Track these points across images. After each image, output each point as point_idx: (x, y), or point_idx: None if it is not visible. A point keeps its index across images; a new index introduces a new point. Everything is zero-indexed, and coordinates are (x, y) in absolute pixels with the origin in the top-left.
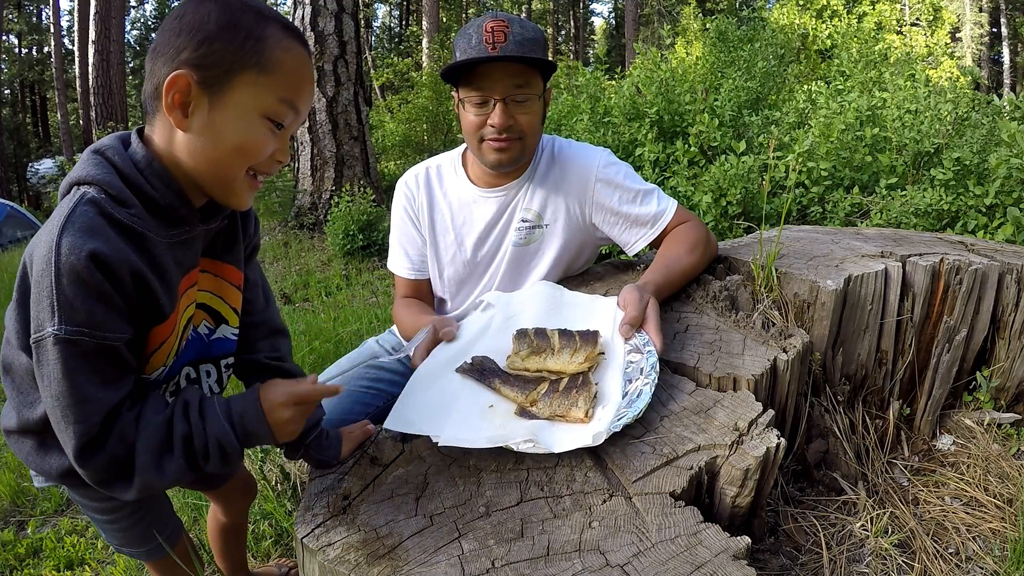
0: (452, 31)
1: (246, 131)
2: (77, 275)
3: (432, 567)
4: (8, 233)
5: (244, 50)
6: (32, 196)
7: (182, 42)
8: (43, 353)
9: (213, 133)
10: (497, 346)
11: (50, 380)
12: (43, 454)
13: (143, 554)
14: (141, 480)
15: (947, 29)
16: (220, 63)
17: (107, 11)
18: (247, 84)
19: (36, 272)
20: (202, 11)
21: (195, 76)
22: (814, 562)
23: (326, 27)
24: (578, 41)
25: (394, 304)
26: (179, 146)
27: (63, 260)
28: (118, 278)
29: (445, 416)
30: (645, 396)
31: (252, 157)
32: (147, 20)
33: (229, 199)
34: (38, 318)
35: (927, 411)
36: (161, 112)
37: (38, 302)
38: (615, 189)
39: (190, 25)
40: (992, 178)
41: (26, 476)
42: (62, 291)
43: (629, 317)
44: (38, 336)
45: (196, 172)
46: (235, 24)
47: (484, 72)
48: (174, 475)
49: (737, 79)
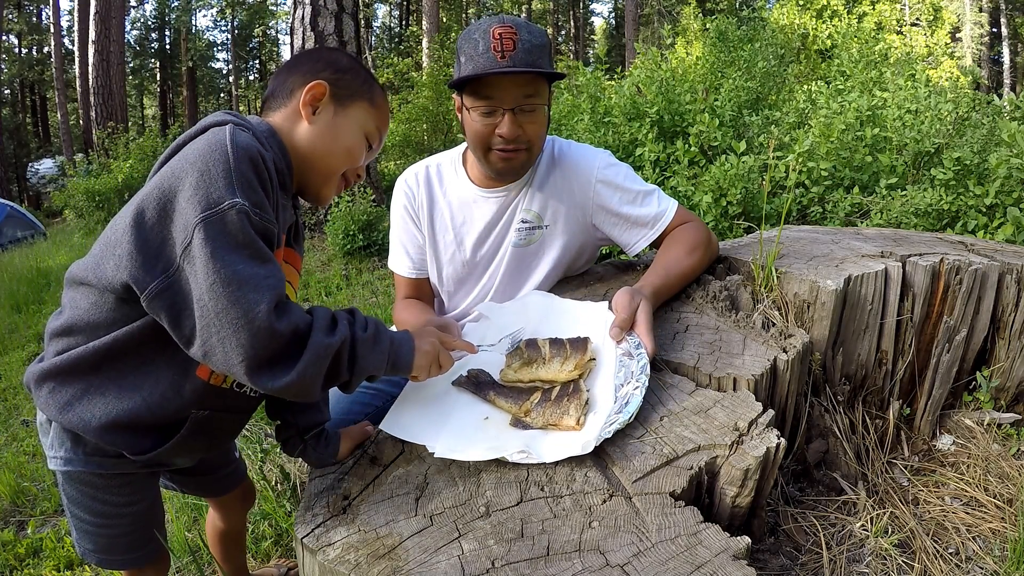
0: (452, 31)
1: (354, 138)
2: (252, 161)
3: (432, 567)
4: (8, 233)
5: (364, 88)
6: (32, 196)
7: (320, 67)
8: (223, 225)
9: (332, 131)
10: (491, 359)
11: (236, 248)
12: (85, 402)
13: (119, 563)
14: (308, 357)
15: (947, 29)
16: (348, 88)
17: (107, 11)
18: (362, 108)
19: (198, 167)
20: (337, 54)
21: (330, 88)
22: (814, 562)
23: (326, 27)
24: (578, 41)
25: (395, 305)
26: (300, 134)
27: (241, 146)
28: (272, 181)
29: (441, 427)
30: (635, 402)
31: (353, 160)
32: (147, 20)
33: (321, 188)
34: (209, 197)
35: (927, 411)
36: (289, 107)
37: (208, 185)
38: (615, 190)
39: (329, 59)
40: (992, 178)
41: (26, 476)
42: (241, 171)
43: (619, 320)
44: (215, 211)
45: (308, 157)
46: (358, 70)
47: (493, 82)
48: (333, 350)
49: (737, 79)
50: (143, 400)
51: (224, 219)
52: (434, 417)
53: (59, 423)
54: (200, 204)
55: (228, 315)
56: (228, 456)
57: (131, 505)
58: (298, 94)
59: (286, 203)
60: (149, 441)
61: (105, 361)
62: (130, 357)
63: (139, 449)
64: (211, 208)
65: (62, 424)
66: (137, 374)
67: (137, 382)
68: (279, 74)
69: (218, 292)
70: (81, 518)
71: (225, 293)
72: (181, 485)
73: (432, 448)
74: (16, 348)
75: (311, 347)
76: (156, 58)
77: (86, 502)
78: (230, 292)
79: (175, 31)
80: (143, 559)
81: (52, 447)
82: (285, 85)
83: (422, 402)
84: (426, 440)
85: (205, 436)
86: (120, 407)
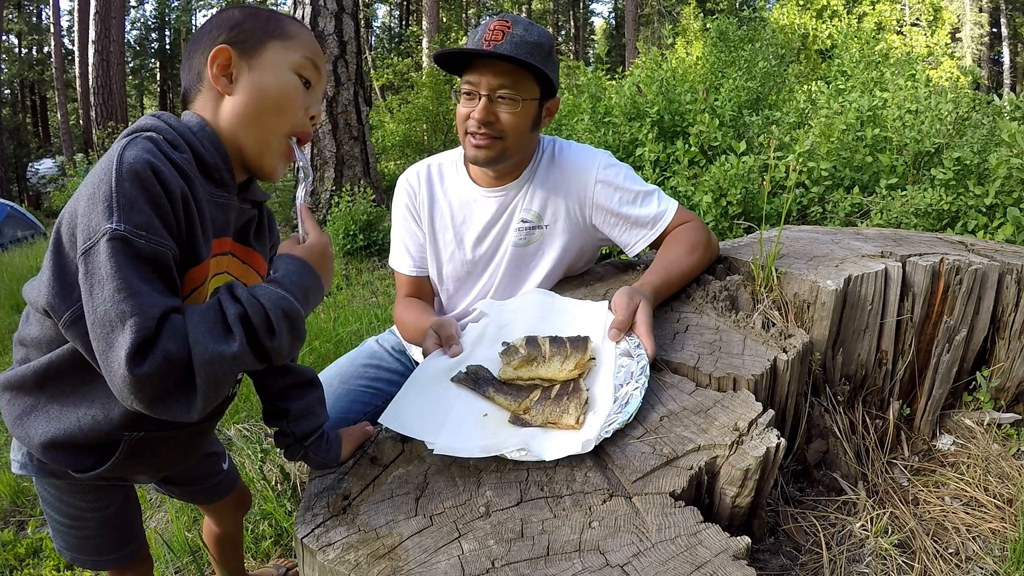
0: (452, 31)
1: (282, 82)
2: (138, 178)
3: (432, 567)
4: (8, 233)
5: (268, 26)
6: (32, 196)
7: (216, 34)
8: (95, 257)
9: (256, 89)
10: (491, 355)
11: (102, 283)
12: (31, 418)
13: (92, 563)
14: (204, 375)
15: (947, 29)
16: (251, 36)
17: (107, 11)
18: (276, 47)
19: (88, 190)
20: (226, 13)
21: (233, 48)
22: (814, 562)
23: (326, 27)
24: (578, 41)
25: (396, 304)
26: (225, 112)
27: (125, 166)
28: (171, 193)
29: (440, 424)
30: (634, 402)
31: (290, 114)
32: (147, 20)
33: (263, 161)
34: (89, 227)
35: (927, 411)
36: (205, 89)
37: (91, 211)
38: (615, 190)
39: (219, 22)
40: (992, 178)
41: (27, 476)
42: (123, 191)
43: (617, 321)
44: (90, 242)
45: (240, 135)
46: (255, 14)
47: (477, 66)
48: (236, 360)
49: (737, 79)
50: (77, 421)
51: (97, 250)
52: (433, 412)
53: (12, 433)
54: (83, 234)
55: (105, 359)
56: (213, 468)
57: (96, 510)
58: (206, 73)
59: (227, 200)
60: (90, 460)
61: (47, 380)
62: (67, 377)
63: (80, 467)
64: (88, 239)
65: (15, 435)
66: (76, 394)
67: (76, 401)
68: (183, 64)
69: (96, 332)
70: (53, 517)
71: (102, 334)
72: (168, 492)
73: (431, 444)
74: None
75: (201, 365)
76: (156, 58)
77: (55, 503)
78: (104, 334)
79: (175, 31)
80: (118, 561)
81: (13, 449)
82: (192, 71)
83: (422, 397)
84: (425, 436)
85: (149, 456)
86: (58, 426)
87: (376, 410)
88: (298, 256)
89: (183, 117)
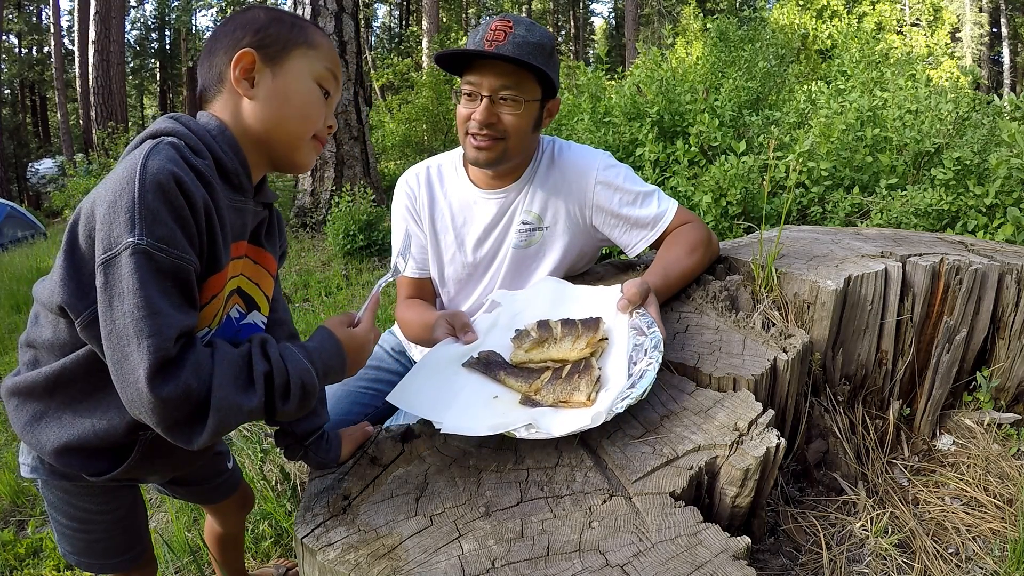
0: (452, 31)
1: (306, 92)
2: (162, 190)
3: (432, 567)
4: (8, 233)
5: (293, 33)
6: (32, 196)
7: (239, 34)
8: (115, 269)
9: (280, 96)
10: (503, 342)
11: (122, 297)
12: (42, 424)
13: (98, 566)
14: (217, 418)
15: (947, 29)
16: (277, 42)
17: (107, 11)
18: (300, 56)
19: (109, 197)
20: (250, 14)
21: (258, 53)
22: (814, 562)
23: (326, 27)
24: (578, 41)
25: (397, 305)
26: (247, 114)
27: (148, 176)
28: (194, 205)
29: (448, 404)
30: (648, 377)
31: (314, 117)
32: (147, 20)
33: (295, 157)
34: (110, 237)
35: (927, 411)
36: (225, 91)
37: (111, 220)
38: (615, 191)
39: (243, 23)
40: (992, 178)
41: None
42: (145, 204)
43: (630, 294)
44: (110, 253)
45: (265, 134)
46: (280, 19)
47: (478, 67)
48: (250, 414)
49: (737, 79)
50: (92, 426)
51: (118, 263)
52: (442, 393)
53: (22, 439)
54: (103, 243)
55: (120, 370)
56: (218, 467)
57: (106, 512)
58: (227, 74)
59: (243, 205)
60: (104, 463)
61: (58, 386)
62: (79, 384)
63: (94, 471)
64: (109, 250)
65: (24, 441)
66: (90, 400)
67: (90, 407)
68: (202, 62)
69: (112, 343)
70: (59, 521)
71: (117, 346)
72: (172, 492)
73: (439, 424)
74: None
75: (217, 409)
76: (156, 58)
77: (62, 506)
78: (120, 346)
79: (175, 31)
80: (124, 565)
81: (22, 453)
82: (212, 70)
83: (431, 379)
84: (433, 415)
85: (163, 456)
86: (72, 432)
87: (376, 411)
88: (338, 338)
89: (200, 119)
